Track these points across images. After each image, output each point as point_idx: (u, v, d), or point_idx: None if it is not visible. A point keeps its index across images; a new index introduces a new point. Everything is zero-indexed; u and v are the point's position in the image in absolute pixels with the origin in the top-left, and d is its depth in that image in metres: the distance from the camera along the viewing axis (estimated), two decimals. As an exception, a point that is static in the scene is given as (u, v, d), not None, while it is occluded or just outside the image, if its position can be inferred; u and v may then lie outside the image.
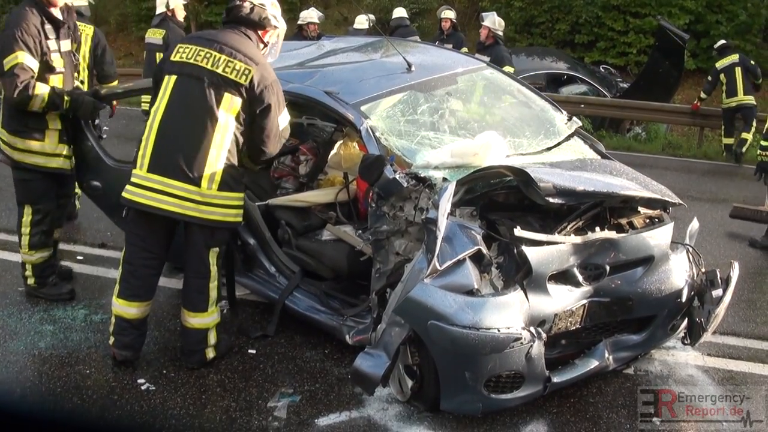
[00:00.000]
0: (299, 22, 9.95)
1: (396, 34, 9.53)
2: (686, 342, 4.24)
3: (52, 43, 4.46)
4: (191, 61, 3.83)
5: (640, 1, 15.30)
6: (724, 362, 4.39)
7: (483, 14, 9.50)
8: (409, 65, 4.57)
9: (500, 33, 9.09)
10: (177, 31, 8.03)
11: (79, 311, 4.72)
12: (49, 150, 4.57)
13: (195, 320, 3.98)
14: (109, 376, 4.01)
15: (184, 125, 3.79)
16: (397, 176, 3.72)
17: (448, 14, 10.57)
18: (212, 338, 4.04)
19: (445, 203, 3.42)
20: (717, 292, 4.00)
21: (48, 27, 4.43)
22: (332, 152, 5.25)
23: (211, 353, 4.06)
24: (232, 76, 3.76)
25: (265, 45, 4.05)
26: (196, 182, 3.73)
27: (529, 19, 16.43)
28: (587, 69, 13.82)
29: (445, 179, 3.67)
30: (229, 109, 3.77)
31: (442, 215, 3.40)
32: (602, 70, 14.52)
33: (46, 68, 4.44)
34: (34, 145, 4.54)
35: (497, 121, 4.58)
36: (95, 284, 5.11)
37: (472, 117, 4.59)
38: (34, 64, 4.32)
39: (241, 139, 3.86)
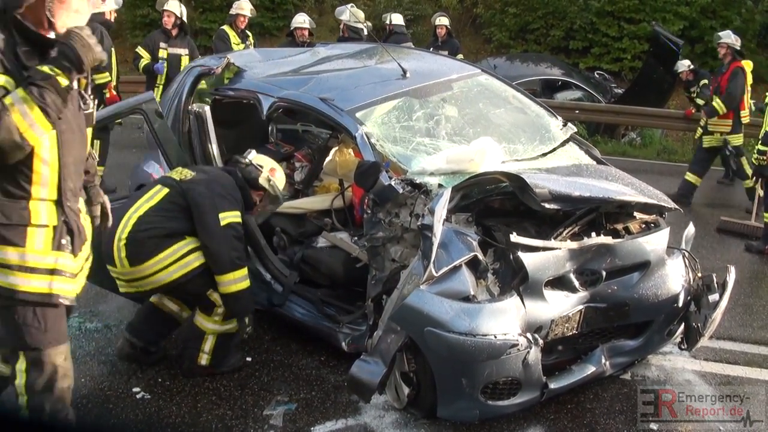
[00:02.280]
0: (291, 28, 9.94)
1: (390, 41, 9.55)
2: (683, 347, 4.24)
3: None
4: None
5: (635, 7, 15.33)
6: (721, 367, 4.38)
7: (338, 8, 9.44)
8: (404, 72, 4.57)
9: (359, 26, 9.00)
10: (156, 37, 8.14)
11: (74, 319, 4.69)
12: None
13: (198, 317, 4.00)
14: (104, 384, 3.99)
15: None
16: (392, 183, 3.71)
17: (443, 21, 10.60)
18: (207, 345, 4.00)
19: (441, 209, 3.41)
20: (713, 297, 3.99)
21: None
22: (327, 159, 5.25)
23: (204, 359, 4.02)
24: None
25: (254, 203, 4.23)
26: None
27: (524, 25, 16.46)
28: (582, 75, 13.85)
29: (440, 185, 3.67)
30: None
31: (437, 221, 3.39)
32: (597, 75, 14.55)
33: None
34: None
35: (492, 127, 4.58)
36: (89, 293, 5.06)
37: (467, 123, 4.59)
38: None
39: None
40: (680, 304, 3.97)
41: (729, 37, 8.48)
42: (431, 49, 9.27)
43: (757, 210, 7.21)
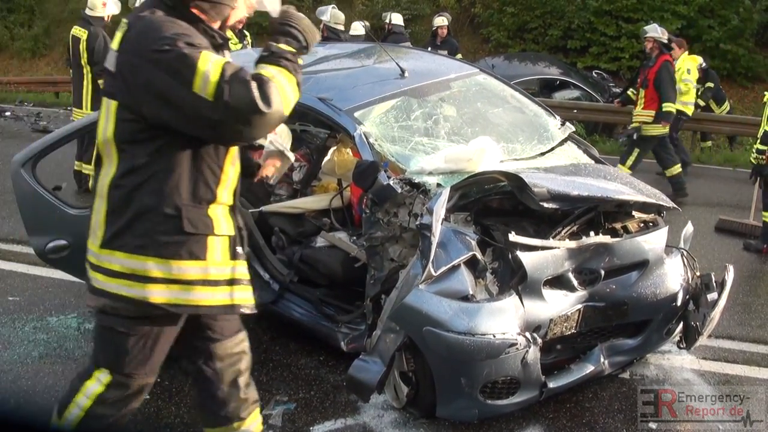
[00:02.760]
0: None
1: (389, 40, 9.56)
2: (682, 346, 4.24)
3: None
4: None
5: (633, 7, 15.34)
6: (719, 366, 4.39)
7: (320, 9, 9.42)
8: (403, 71, 4.57)
9: (339, 27, 8.97)
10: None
11: (72, 320, 4.70)
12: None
13: None
14: (102, 385, 3.98)
15: None
16: (391, 182, 3.71)
17: (445, 21, 10.63)
18: None
19: (440, 209, 3.41)
20: (712, 296, 4.00)
21: None
22: (326, 158, 5.25)
23: None
24: None
25: (258, 166, 3.38)
26: None
27: (522, 24, 16.47)
28: (580, 74, 13.85)
29: (439, 185, 3.67)
30: None
31: (436, 221, 3.39)
32: (595, 75, 14.54)
33: None
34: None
35: (491, 127, 4.58)
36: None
37: (465, 122, 4.59)
38: None
39: None
40: (679, 303, 3.98)
41: (655, 31, 8.51)
42: (429, 48, 9.28)
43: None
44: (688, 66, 9.27)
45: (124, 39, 2.34)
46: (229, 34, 9.33)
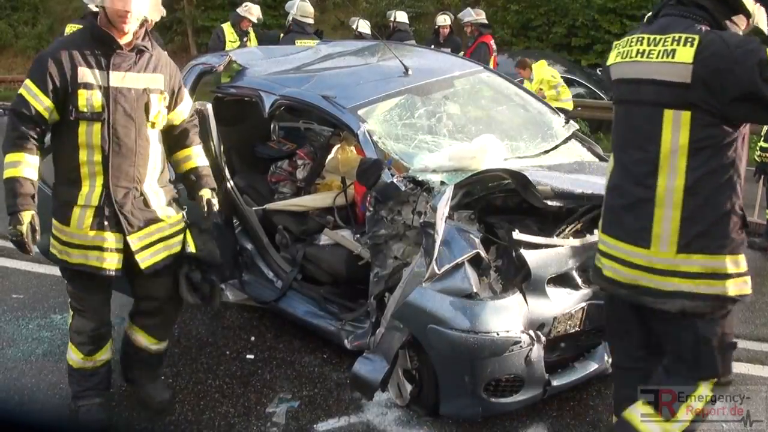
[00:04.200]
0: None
1: (393, 38, 9.56)
2: (686, 344, 4.23)
3: None
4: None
5: (637, 4, 15.32)
6: (723, 364, 4.37)
7: (288, 3, 9.36)
8: (406, 69, 4.57)
9: (308, 20, 8.95)
10: None
11: (77, 318, 4.70)
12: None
13: None
14: (107, 382, 3.99)
15: None
16: (394, 180, 3.71)
17: (448, 21, 10.62)
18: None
19: (443, 207, 3.41)
20: (716, 294, 3.98)
21: None
22: (330, 156, 5.25)
23: None
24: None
25: (111, 23, 3.28)
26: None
27: (526, 22, 16.46)
28: (584, 72, 13.84)
29: (443, 183, 3.66)
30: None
31: (440, 219, 3.39)
32: (599, 72, 14.52)
33: None
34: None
35: (495, 125, 4.57)
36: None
37: (469, 120, 4.59)
38: None
39: None
40: (683, 301, 3.96)
41: (470, 15, 8.43)
42: (432, 46, 9.27)
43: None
44: (551, 73, 9.33)
45: (699, 52, 2.46)
46: (228, 32, 9.34)
